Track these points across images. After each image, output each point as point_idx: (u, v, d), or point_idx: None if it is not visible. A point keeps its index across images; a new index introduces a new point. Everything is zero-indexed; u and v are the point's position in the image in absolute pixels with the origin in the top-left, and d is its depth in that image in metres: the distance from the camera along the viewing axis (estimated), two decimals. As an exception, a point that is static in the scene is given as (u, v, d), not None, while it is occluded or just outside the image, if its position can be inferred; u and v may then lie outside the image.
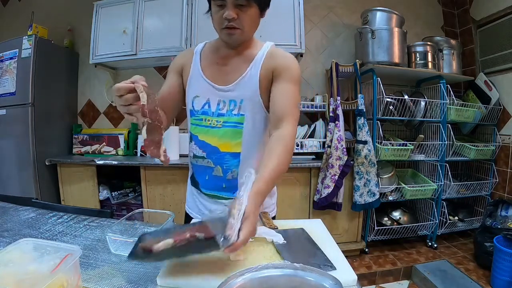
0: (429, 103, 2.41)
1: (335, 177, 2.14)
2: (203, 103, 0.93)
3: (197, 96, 0.93)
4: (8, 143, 2.36)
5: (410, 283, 2.11)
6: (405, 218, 2.48)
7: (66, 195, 2.39)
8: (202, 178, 0.97)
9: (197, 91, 0.93)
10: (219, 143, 0.91)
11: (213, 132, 0.92)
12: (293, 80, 0.88)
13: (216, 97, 0.91)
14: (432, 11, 2.86)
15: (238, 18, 0.81)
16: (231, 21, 0.81)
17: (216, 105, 0.91)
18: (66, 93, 2.74)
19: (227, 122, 0.90)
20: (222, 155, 0.91)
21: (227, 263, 0.61)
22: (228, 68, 0.91)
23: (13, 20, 2.94)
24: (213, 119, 0.91)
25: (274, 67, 0.88)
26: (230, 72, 0.91)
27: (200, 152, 0.94)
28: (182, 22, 2.27)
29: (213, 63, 0.93)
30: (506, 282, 1.78)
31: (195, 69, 0.94)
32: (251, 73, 0.89)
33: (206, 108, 0.92)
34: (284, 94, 0.86)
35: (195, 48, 0.99)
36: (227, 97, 0.90)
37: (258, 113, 0.91)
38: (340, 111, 2.23)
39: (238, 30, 0.83)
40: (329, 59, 2.52)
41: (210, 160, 0.93)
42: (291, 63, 0.90)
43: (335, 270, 0.59)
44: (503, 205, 2.25)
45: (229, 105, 0.90)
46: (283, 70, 0.88)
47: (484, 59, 2.63)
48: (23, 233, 0.82)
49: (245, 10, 0.81)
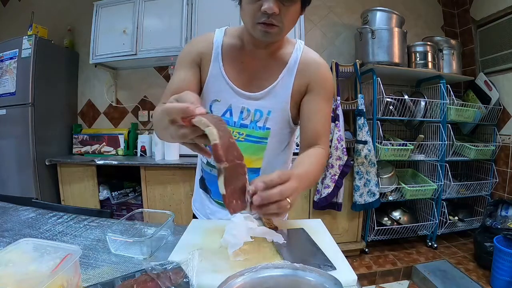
0: (429, 103, 2.41)
1: (335, 177, 2.14)
2: (223, 110, 0.80)
3: (216, 100, 0.80)
4: (8, 143, 2.36)
5: (410, 283, 2.11)
6: (405, 218, 2.48)
7: (66, 195, 2.39)
8: (215, 187, 0.88)
9: (217, 94, 0.80)
10: None
11: None
12: (329, 98, 0.80)
13: (239, 104, 0.79)
14: (432, 11, 2.87)
15: (280, 13, 0.67)
16: (271, 17, 0.67)
17: (239, 113, 0.80)
18: (66, 93, 2.74)
19: (250, 136, 0.80)
20: None
21: (227, 263, 0.61)
22: (256, 71, 0.79)
23: (13, 20, 2.94)
24: (235, 130, 0.80)
25: (309, 80, 0.78)
26: (259, 77, 0.79)
27: (212, 161, 0.85)
28: (182, 22, 2.27)
29: (238, 63, 0.80)
30: (506, 282, 1.78)
31: (215, 67, 0.80)
32: (284, 81, 0.78)
33: (227, 116, 0.80)
34: (319, 113, 0.78)
35: (213, 38, 0.82)
36: (252, 105, 0.79)
37: (285, 128, 0.82)
38: (340, 111, 2.23)
39: (277, 28, 0.69)
40: (329, 59, 2.52)
41: None
42: (327, 78, 0.80)
43: (335, 270, 0.59)
44: (503, 205, 2.25)
45: (254, 115, 0.79)
46: (320, 86, 0.79)
47: (484, 59, 2.63)
48: (23, 233, 0.82)
49: (289, 5, 0.67)
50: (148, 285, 0.50)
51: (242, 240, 0.66)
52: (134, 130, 2.67)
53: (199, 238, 0.75)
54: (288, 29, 0.74)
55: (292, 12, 0.69)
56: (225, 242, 0.67)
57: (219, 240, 0.70)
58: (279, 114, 0.80)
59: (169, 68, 2.65)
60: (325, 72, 0.81)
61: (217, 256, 0.64)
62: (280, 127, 0.81)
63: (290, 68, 0.79)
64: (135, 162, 2.23)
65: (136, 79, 2.79)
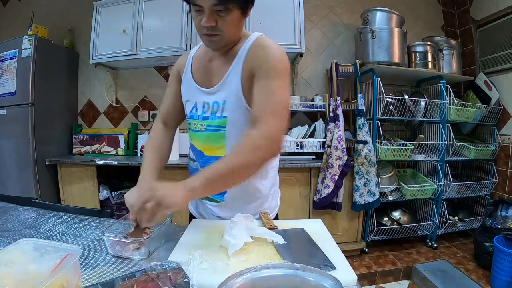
0: (429, 103, 2.41)
1: (335, 177, 2.14)
2: (191, 107, 0.92)
3: (187, 100, 0.93)
4: (8, 143, 2.36)
5: (410, 283, 2.11)
6: (405, 218, 2.48)
7: (66, 195, 2.39)
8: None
9: (187, 95, 0.93)
10: (203, 147, 0.90)
11: (198, 136, 0.91)
12: (273, 74, 0.77)
13: (201, 100, 0.89)
14: (432, 11, 2.87)
15: (217, 25, 0.74)
16: (209, 29, 0.75)
17: (201, 108, 0.89)
18: (66, 93, 2.74)
19: (210, 126, 0.88)
20: (207, 158, 0.90)
21: (227, 263, 0.61)
22: (213, 69, 0.88)
23: (13, 20, 2.94)
24: (198, 123, 0.90)
25: (253, 63, 0.79)
26: (215, 73, 0.87)
27: (192, 155, 0.96)
28: (182, 22, 2.27)
29: (202, 66, 0.91)
30: (506, 282, 1.78)
31: (186, 73, 0.93)
32: (232, 72, 0.83)
33: (193, 112, 0.92)
34: (261, 92, 0.76)
35: (191, 51, 0.97)
36: (211, 99, 0.87)
37: (243, 115, 0.83)
38: (340, 111, 2.23)
39: (218, 36, 0.77)
40: (329, 59, 2.52)
41: (198, 163, 0.93)
42: (269, 54, 0.78)
43: (335, 270, 0.59)
44: (503, 205, 2.25)
45: (213, 107, 0.87)
46: (261, 66, 0.78)
47: (484, 59, 2.63)
48: (23, 233, 0.82)
49: (224, 15, 0.74)
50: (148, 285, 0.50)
51: (242, 241, 0.66)
52: (134, 130, 2.67)
53: (199, 238, 0.75)
54: (233, 33, 0.80)
55: (230, 21, 0.75)
56: (225, 242, 0.67)
57: (219, 240, 0.70)
58: (233, 102, 0.83)
59: (169, 68, 2.65)
60: (268, 52, 0.79)
61: (217, 256, 0.64)
62: (236, 114, 0.83)
63: (239, 57, 0.82)
64: (135, 162, 2.23)
65: (136, 79, 2.79)
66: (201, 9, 0.73)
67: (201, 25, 0.75)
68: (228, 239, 0.66)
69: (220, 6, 0.71)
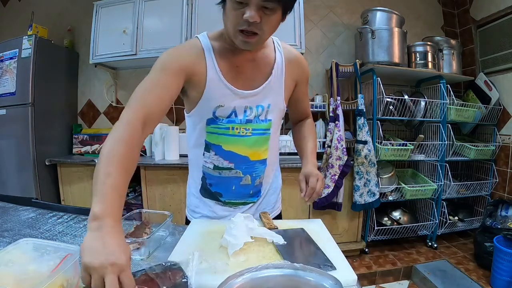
0: (429, 103, 2.41)
1: (335, 177, 2.14)
2: (228, 113, 0.84)
3: (220, 105, 0.82)
4: (8, 143, 2.36)
5: (410, 283, 2.11)
6: (405, 218, 2.48)
7: (66, 195, 2.39)
8: (226, 189, 0.92)
9: (219, 100, 0.82)
10: (250, 152, 0.87)
11: (243, 141, 0.86)
12: (307, 81, 1.00)
13: (242, 104, 0.84)
14: (432, 11, 2.86)
15: (261, 22, 0.69)
16: (252, 25, 0.69)
17: (243, 112, 0.85)
18: (66, 93, 2.74)
19: (256, 130, 0.86)
20: (252, 163, 0.88)
21: (227, 263, 0.61)
22: (250, 72, 0.84)
23: (13, 20, 2.94)
24: (241, 127, 0.85)
25: (296, 76, 0.93)
26: (253, 77, 0.85)
27: (226, 164, 0.87)
28: (182, 22, 2.27)
29: (233, 67, 0.83)
30: (506, 282, 1.78)
31: (213, 73, 0.80)
32: (276, 78, 0.87)
33: (232, 117, 0.84)
34: (305, 96, 1.02)
35: (201, 44, 0.81)
36: (253, 102, 0.85)
37: (281, 117, 0.94)
38: (340, 111, 2.23)
39: (257, 36, 0.72)
40: (329, 59, 2.52)
41: (239, 170, 0.88)
42: (306, 66, 0.97)
43: (335, 270, 0.59)
44: (503, 205, 2.25)
45: (257, 111, 0.86)
46: (303, 77, 0.96)
47: (484, 59, 2.63)
48: (23, 233, 0.82)
49: (270, 14, 0.69)
50: (148, 285, 0.50)
51: (242, 241, 0.66)
52: (134, 130, 2.66)
53: (199, 238, 0.75)
54: (268, 37, 0.78)
55: (272, 21, 0.72)
56: (225, 242, 0.67)
57: (219, 240, 0.70)
58: (277, 106, 0.90)
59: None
60: (304, 64, 0.97)
61: (217, 257, 0.64)
62: (278, 116, 0.92)
63: (278, 66, 0.89)
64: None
65: (136, 79, 2.78)
66: (245, 2, 0.67)
67: (243, 20, 0.68)
68: (228, 239, 0.66)
69: (269, 2, 0.67)
